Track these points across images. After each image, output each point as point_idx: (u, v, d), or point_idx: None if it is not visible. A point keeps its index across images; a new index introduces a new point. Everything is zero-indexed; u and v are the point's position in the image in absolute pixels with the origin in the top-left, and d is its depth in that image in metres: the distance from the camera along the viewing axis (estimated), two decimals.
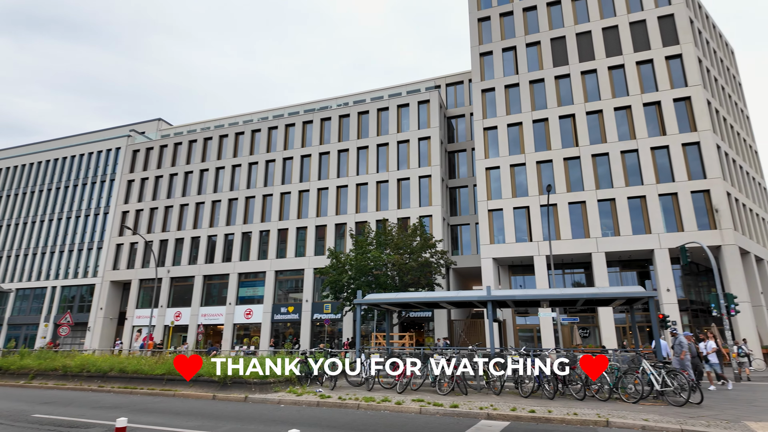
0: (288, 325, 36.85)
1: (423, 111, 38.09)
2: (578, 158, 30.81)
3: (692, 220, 27.26)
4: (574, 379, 12.45)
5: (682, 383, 11.10)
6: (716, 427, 8.37)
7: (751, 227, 31.22)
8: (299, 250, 37.95)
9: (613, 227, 28.98)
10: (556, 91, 32.63)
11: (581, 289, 19.63)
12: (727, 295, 19.61)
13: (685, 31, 30.52)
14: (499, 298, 15.79)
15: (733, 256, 26.17)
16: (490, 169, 32.90)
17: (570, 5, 33.78)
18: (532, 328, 31.29)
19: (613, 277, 29.90)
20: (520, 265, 32.47)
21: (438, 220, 34.34)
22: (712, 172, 27.69)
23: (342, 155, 39.44)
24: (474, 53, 35.58)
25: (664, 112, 29.64)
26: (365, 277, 26.81)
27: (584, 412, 9.68)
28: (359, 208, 37.24)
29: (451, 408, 10.30)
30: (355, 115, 39.94)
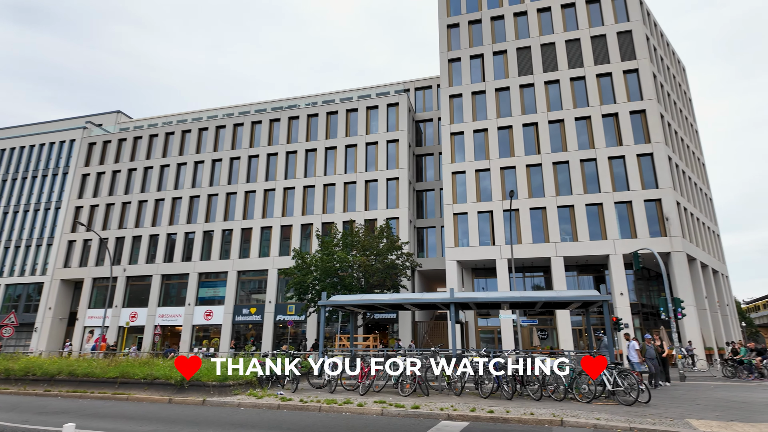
0: (250, 326, 36.13)
1: (392, 114, 38.31)
2: (540, 165, 31.80)
3: (645, 228, 28.65)
4: (531, 380, 12.82)
5: (632, 383, 11.65)
6: (661, 425, 8.82)
7: (698, 235, 33.12)
8: (263, 250, 37.31)
9: (572, 233, 30.06)
10: (521, 99, 33.56)
11: (540, 293, 20.26)
12: (674, 300, 20.70)
13: (641, 47, 32.11)
14: (462, 300, 16.07)
15: (681, 263, 27.68)
16: (456, 174, 33.45)
17: (536, 16, 34.86)
18: (493, 330, 31.99)
19: (571, 280, 31.01)
20: (483, 268, 33.15)
21: (405, 223, 34.59)
22: (664, 182, 29.22)
23: (310, 155, 39.10)
24: (443, 59, 36.13)
25: (621, 124, 31.05)
26: (331, 278, 26.67)
27: (540, 412, 9.99)
28: (326, 208, 37.01)
29: (412, 409, 10.40)
30: (324, 115, 39.71)
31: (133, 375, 14.16)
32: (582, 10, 33.99)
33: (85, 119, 48.84)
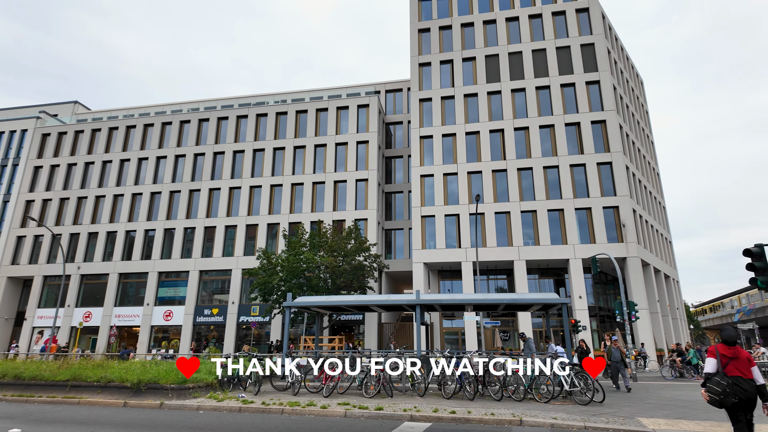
0: (212, 327, 35.24)
1: (362, 115, 38.31)
2: (505, 171, 32.58)
3: (603, 233, 29.84)
4: (493, 381, 13.10)
5: (588, 384, 12.11)
6: (614, 423, 9.21)
7: (652, 242, 34.78)
8: (227, 249, 36.48)
9: (534, 237, 30.95)
10: (488, 106, 34.31)
11: (503, 295, 20.76)
12: (629, 303, 21.67)
13: (603, 60, 33.46)
14: (428, 302, 16.25)
15: (635, 268, 28.98)
16: (424, 177, 33.81)
17: (504, 25, 35.73)
18: (457, 331, 32.48)
19: (533, 283, 31.91)
20: (449, 270, 33.63)
21: (373, 224, 34.64)
22: (621, 190, 30.54)
23: (278, 153, 38.56)
24: (413, 63, 36.46)
25: (582, 133, 32.24)
26: (297, 279, 26.38)
27: (501, 412, 10.23)
28: (294, 208, 36.59)
29: (375, 411, 10.43)
30: (293, 113, 39.27)
31: (86, 378, 13.54)
32: (548, 21, 35.10)
33: (38, 109, 46.36)
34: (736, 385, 5.76)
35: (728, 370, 5.93)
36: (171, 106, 46.82)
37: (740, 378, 5.81)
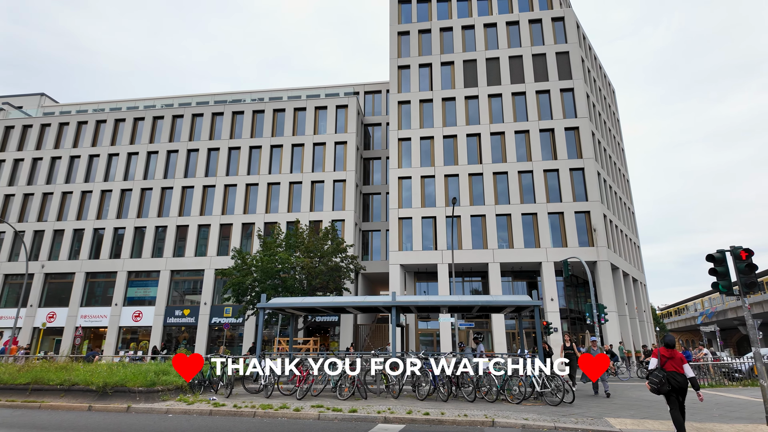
0: (182, 329, 34.45)
1: (341, 115, 38.19)
2: (481, 175, 33.02)
3: (574, 237, 30.57)
4: (466, 382, 13.24)
5: (558, 385, 12.37)
6: (583, 423, 9.44)
7: (621, 246, 35.82)
8: (200, 249, 35.74)
9: (508, 240, 31.45)
10: (466, 110, 34.72)
11: (477, 297, 20.96)
12: (599, 306, 22.27)
13: (577, 68, 34.33)
14: (403, 303, 16.30)
15: (605, 271, 29.79)
16: (402, 179, 33.94)
17: (482, 31, 36.25)
18: (432, 333, 32.69)
19: (506, 285, 32.41)
20: (426, 272, 33.83)
21: (350, 225, 34.54)
22: (593, 196, 31.36)
23: (254, 152, 38.03)
24: (393, 65, 36.59)
25: (556, 139, 32.97)
26: (272, 280, 26.05)
27: (473, 413, 10.35)
28: (270, 208, 36.14)
29: (349, 413, 10.39)
30: (271, 112, 38.82)
31: (48, 380, 13.02)
32: (525, 28, 35.79)
33: (2, 100, 44.42)
34: (671, 378, 7.77)
35: (666, 366, 7.91)
36: (144, 101, 45.61)
37: (674, 372, 7.81)
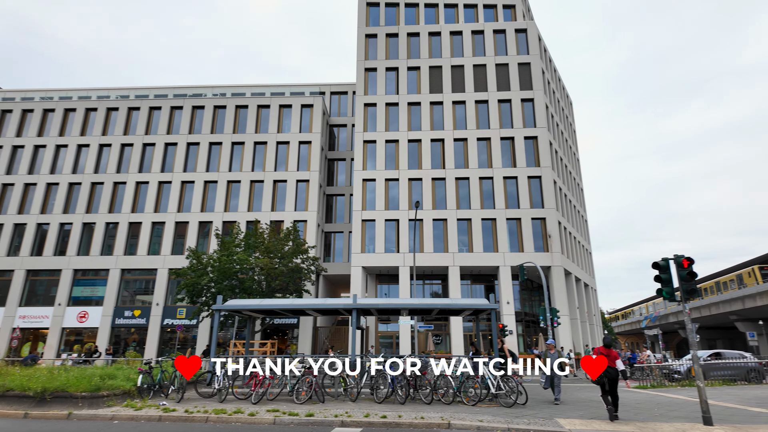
0: (132, 330, 32.91)
1: (306, 115, 37.76)
2: (444, 180, 33.54)
3: (531, 243, 31.56)
4: (424, 384, 13.36)
5: (513, 386, 12.69)
6: (535, 424, 9.73)
7: (574, 252, 37.30)
8: (153, 247, 34.31)
9: (468, 244, 32.09)
10: (430, 115, 35.19)
11: (437, 300, 21.26)
12: (552, 309, 23.06)
13: (537, 79, 35.53)
14: (364, 306, 16.28)
15: (559, 276, 30.92)
16: (366, 181, 33.93)
17: (448, 38, 36.89)
18: (392, 335, 32.82)
19: (465, 289, 33.03)
20: (387, 274, 33.95)
21: (312, 226, 34.16)
22: (549, 203, 32.50)
23: (214, 148, 36.95)
24: (359, 67, 36.58)
25: (516, 147, 33.97)
26: (229, 280, 25.32)
27: (430, 416, 10.45)
28: (229, 206, 35.19)
29: (306, 417, 10.24)
30: (233, 108, 37.86)
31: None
32: (489, 38, 36.71)
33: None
34: (607, 371, 10.19)
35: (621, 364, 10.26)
36: (97, 91, 43.42)
37: (610, 367, 10.19)
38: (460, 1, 38.50)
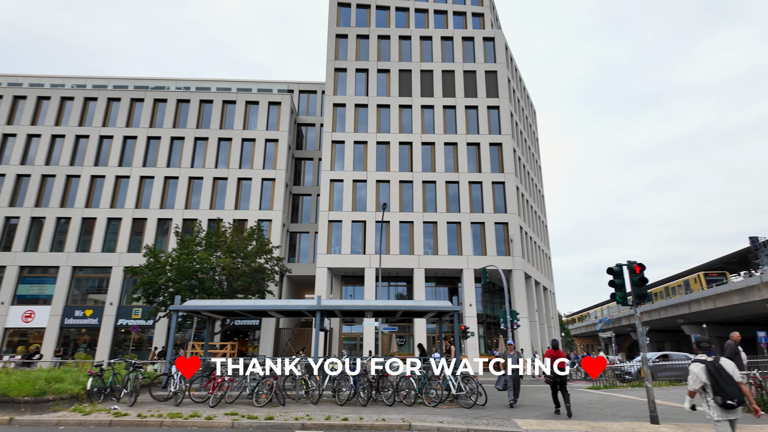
0: (83, 331, 31.35)
1: (273, 112, 37.16)
2: (411, 182, 33.81)
3: (493, 247, 32.28)
4: (386, 386, 13.39)
5: (473, 387, 12.92)
6: (493, 425, 9.93)
7: (534, 256, 38.40)
8: (108, 244, 32.83)
9: (434, 247, 32.46)
10: (399, 118, 35.41)
11: (402, 302, 21.40)
12: (512, 312, 23.63)
13: (503, 87, 36.42)
14: (329, 308, 16.15)
15: (519, 279, 31.75)
16: (334, 181, 33.74)
17: (419, 43, 37.26)
18: (356, 337, 32.73)
19: (429, 291, 33.37)
20: (353, 275, 33.84)
21: (278, 226, 33.63)
22: (511, 209, 33.34)
23: (176, 143, 35.77)
24: (329, 67, 36.36)
25: (481, 153, 34.68)
26: (188, 280, 24.56)
27: (391, 417, 10.48)
28: (190, 203, 34.15)
29: (266, 420, 10.06)
30: (197, 102, 36.79)
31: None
32: (458, 45, 37.34)
33: None
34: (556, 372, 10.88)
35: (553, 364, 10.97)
36: (50, 78, 41.23)
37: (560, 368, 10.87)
38: (430, 7, 38.98)
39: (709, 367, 5.58)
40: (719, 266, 53.35)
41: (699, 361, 5.74)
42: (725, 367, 5.57)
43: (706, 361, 5.66)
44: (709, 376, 5.55)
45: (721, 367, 5.56)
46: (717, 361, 5.62)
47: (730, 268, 52.36)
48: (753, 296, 35.79)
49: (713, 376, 5.52)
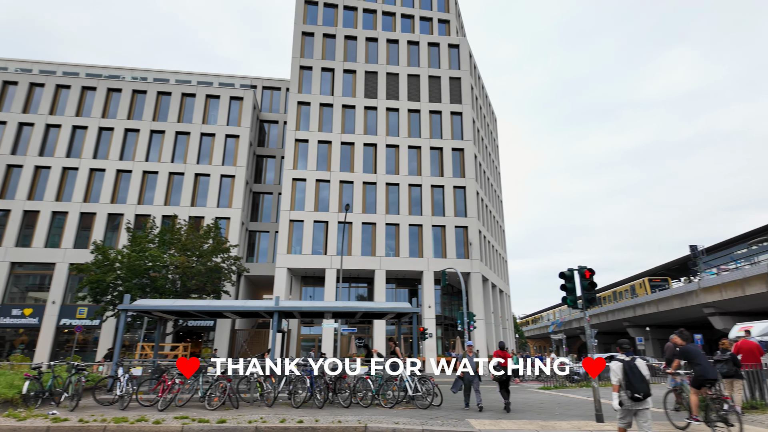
0: (21, 331, 29.38)
1: (235, 108, 36.27)
2: (375, 184, 33.90)
3: (453, 250, 32.86)
4: (343, 388, 13.32)
5: (429, 388, 13.07)
6: (448, 425, 10.09)
7: (492, 260, 39.39)
8: (53, 239, 30.95)
9: (395, 249, 32.66)
10: (364, 120, 35.43)
11: (362, 304, 21.42)
12: (469, 314, 24.14)
13: (467, 94, 37.19)
14: (287, 309, 15.91)
15: (477, 282, 32.47)
16: (297, 180, 33.31)
17: (385, 46, 37.44)
18: (315, 338, 32.41)
19: (390, 292, 33.54)
20: (313, 276, 33.51)
21: (236, 224, 32.81)
22: (471, 213, 34.07)
23: (130, 135, 34.24)
24: (295, 64, 35.91)
25: (444, 158, 35.25)
26: (139, 278, 23.51)
27: (347, 419, 10.44)
28: (143, 198, 32.76)
29: (218, 424, 9.78)
30: (154, 93, 35.37)
31: None
32: (424, 50, 37.82)
33: None
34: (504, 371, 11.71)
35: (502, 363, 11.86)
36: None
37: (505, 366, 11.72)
38: (397, 10, 39.27)
39: (624, 366, 6.55)
40: (662, 272, 56.69)
41: (618, 360, 6.68)
42: (638, 366, 6.51)
43: (623, 360, 6.61)
44: (623, 373, 6.52)
45: (635, 366, 6.51)
46: (633, 361, 6.56)
47: (672, 274, 55.75)
48: (692, 301, 38.25)
49: (627, 373, 6.49)
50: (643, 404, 6.46)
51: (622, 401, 6.59)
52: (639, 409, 6.49)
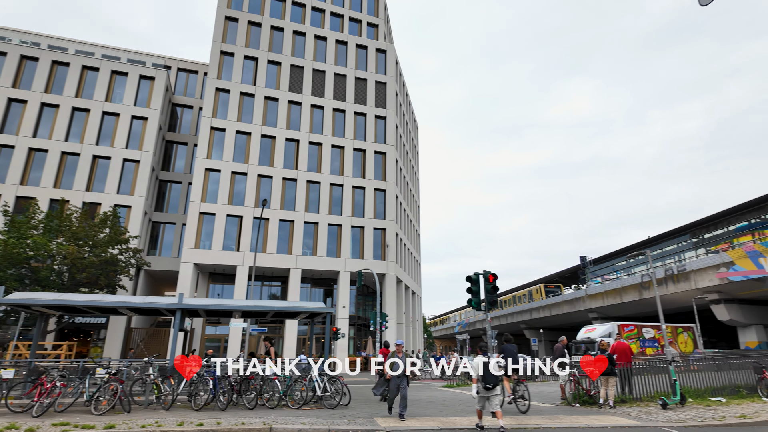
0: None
1: (144, 87, 33.46)
2: (295, 181, 33.25)
3: (371, 251, 33.29)
4: (249, 389, 12.88)
5: (338, 388, 13.09)
6: (354, 424, 10.19)
7: (406, 262, 40.52)
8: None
9: (313, 248, 32.29)
10: (288, 114, 34.62)
11: (273, 303, 20.87)
12: (382, 314, 24.60)
13: (391, 100, 37.94)
14: (191, 306, 14.99)
15: (391, 283, 33.20)
16: (210, 171, 31.56)
17: (313, 41, 36.93)
18: (221, 338, 30.92)
19: (305, 292, 33.07)
20: (223, 273, 31.96)
21: (138, 213, 30.25)
22: (390, 215, 34.79)
23: (15, 106, 30.12)
24: (215, 48, 34.08)
25: (366, 160, 35.61)
26: (17, 268, 20.74)
27: (251, 421, 10.11)
28: (28, 179, 29.00)
29: (105, 429, 8.95)
30: (48, 62, 31.47)
31: None
32: (352, 51, 37.93)
33: None
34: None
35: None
36: None
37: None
38: (327, 8, 38.95)
39: (483, 364, 8.97)
40: (556, 279, 62.41)
41: (478, 359, 9.07)
42: (491, 364, 8.96)
43: (482, 360, 8.98)
44: (482, 369, 8.95)
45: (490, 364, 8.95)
46: (489, 361, 8.97)
47: (565, 281, 61.61)
48: (579, 306, 42.55)
49: (484, 369, 8.93)
50: (494, 392, 8.88)
51: (479, 390, 8.92)
52: (490, 396, 8.93)
